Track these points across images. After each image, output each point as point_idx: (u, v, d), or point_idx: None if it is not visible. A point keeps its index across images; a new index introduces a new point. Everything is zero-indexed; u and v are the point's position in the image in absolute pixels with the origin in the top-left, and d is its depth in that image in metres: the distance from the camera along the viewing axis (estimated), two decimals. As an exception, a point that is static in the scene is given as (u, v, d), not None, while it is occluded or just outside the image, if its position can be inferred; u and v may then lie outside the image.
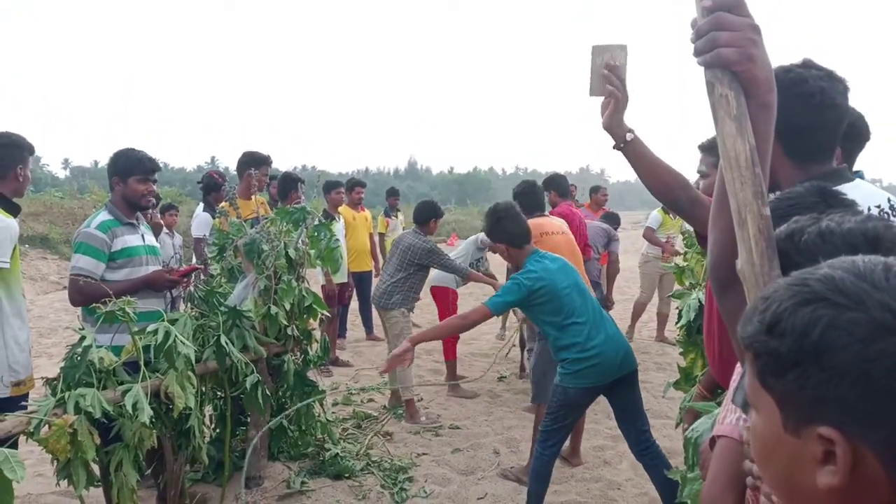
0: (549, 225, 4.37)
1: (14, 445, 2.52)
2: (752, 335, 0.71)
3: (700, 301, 2.85)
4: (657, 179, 1.80)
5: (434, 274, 5.34)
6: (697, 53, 0.98)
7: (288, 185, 5.80)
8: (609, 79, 1.70)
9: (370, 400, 5.45)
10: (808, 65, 1.48)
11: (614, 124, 1.74)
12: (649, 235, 7.38)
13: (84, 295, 3.07)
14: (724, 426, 1.21)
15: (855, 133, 2.18)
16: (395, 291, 5.01)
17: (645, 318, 8.93)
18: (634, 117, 1.78)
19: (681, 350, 2.99)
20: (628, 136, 1.76)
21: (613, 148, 1.79)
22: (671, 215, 7.02)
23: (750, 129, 0.96)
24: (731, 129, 0.95)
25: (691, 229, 3.67)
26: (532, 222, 4.20)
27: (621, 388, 3.22)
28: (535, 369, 4.10)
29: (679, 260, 4.19)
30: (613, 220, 7.30)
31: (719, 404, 1.56)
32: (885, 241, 0.90)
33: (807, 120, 1.44)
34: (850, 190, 1.28)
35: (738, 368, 1.29)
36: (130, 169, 3.27)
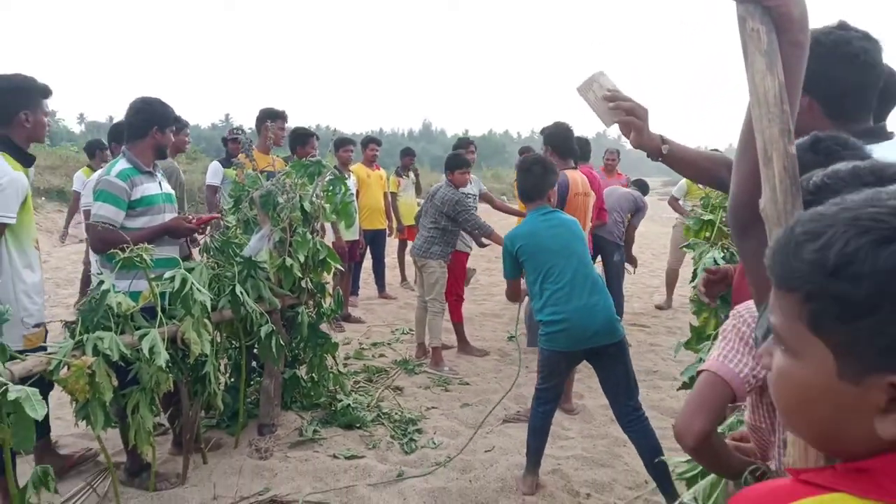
0: (575, 185, 4.31)
1: (50, 386, 2.59)
2: (804, 275, 0.63)
3: (715, 260, 2.84)
4: (700, 171, 1.82)
5: None
6: None
7: (296, 139, 5.84)
8: (619, 104, 1.66)
9: (381, 355, 5.51)
10: (845, 27, 1.50)
11: (646, 141, 1.71)
12: (673, 204, 7.47)
13: (105, 242, 3.07)
14: (707, 362, 1.28)
15: (889, 92, 2.17)
16: (434, 243, 5.18)
17: (656, 282, 8.92)
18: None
19: (693, 309, 2.98)
20: (664, 149, 1.73)
21: (652, 160, 1.77)
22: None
23: (780, 65, 0.94)
24: (760, 65, 0.93)
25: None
26: (563, 178, 4.17)
27: (603, 359, 3.16)
28: (527, 318, 4.26)
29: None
30: (642, 187, 7.44)
31: None
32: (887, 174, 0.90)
33: (853, 80, 1.48)
34: (887, 149, 1.28)
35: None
36: (168, 120, 3.37)
